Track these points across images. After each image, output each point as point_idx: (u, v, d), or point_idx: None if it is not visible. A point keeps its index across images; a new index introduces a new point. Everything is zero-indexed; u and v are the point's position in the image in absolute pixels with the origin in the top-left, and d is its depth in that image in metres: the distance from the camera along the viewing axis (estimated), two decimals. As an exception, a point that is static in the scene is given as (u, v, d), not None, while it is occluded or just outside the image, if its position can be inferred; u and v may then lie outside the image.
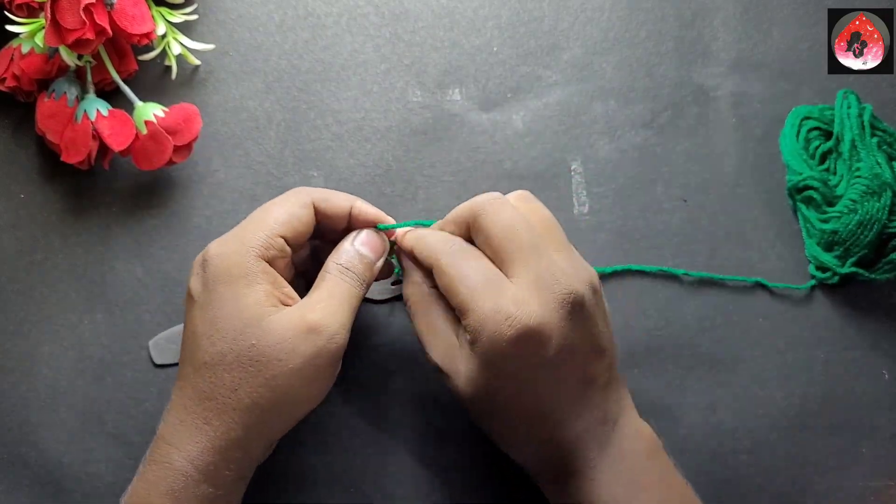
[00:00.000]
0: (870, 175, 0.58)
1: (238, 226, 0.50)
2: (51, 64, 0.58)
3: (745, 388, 0.59)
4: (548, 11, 0.64)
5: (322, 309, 0.49)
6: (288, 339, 0.47)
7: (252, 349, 0.47)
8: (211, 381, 0.47)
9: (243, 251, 0.48)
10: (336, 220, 0.53)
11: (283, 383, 0.47)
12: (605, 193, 0.62)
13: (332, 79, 0.63)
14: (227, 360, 0.47)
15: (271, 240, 0.49)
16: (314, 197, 0.52)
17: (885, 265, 0.58)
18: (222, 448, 0.47)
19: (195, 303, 0.49)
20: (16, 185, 0.60)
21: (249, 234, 0.49)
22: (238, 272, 0.48)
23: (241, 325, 0.47)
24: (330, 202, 0.52)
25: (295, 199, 0.51)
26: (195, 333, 0.48)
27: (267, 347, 0.47)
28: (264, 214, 0.50)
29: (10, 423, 0.57)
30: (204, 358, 0.48)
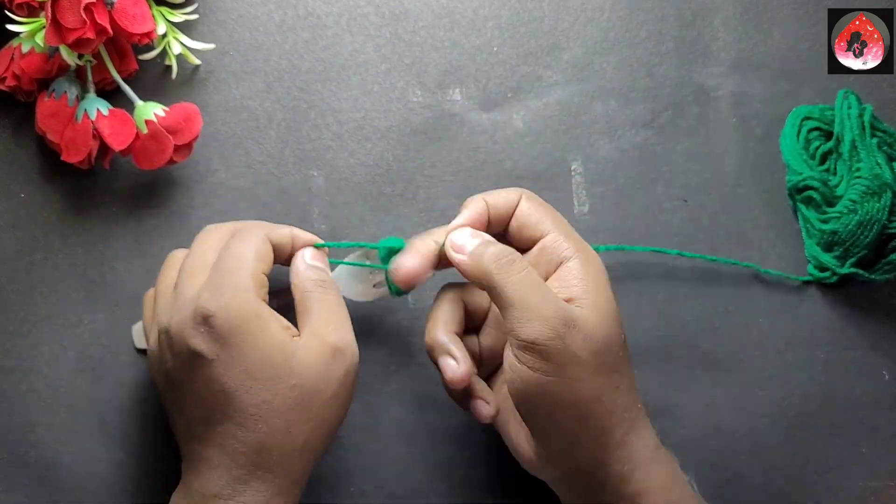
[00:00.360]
0: (870, 175, 0.58)
1: (215, 275, 0.49)
2: (51, 63, 0.58)
3: (745, 388, 0.59)
4: (548, 11, 0.64)
5: (334, 329, 0.49)
6: (322, 368, 0.48)
7: (294, 389, 0.47)
8: (264, 432, 0.47)
9: (243, 296, 0.48)
10: (283, 250, 0.53)
11: (326, 411, 0.48)
12: (605, 193, 0.62)
13: (333, 78, 0.63)
14: (273, 406, 0.47)
15: (258, 278, 0.49)
16: (265, 229, 0.52)
17: (885, 266, 0.58)
18: (286, 491, 0.48)
19: (212, 361, 0.47)
20: (16, 184, 0.60)
21: (238, 278, 0.48)
22: (250, 317, 0.47)
23: (275, 369, 0.47)
24: (276, 231, 0.52)
25: (254, 234, 0.51)
26: (227, 391, 0.47)
27: (308, 383, 0.47)
28: (236, 257, 0.49)
29: (9, 422, 0.57)
30: (249, 411, 0.47)
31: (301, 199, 0.61)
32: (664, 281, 0.60)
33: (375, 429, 0.58)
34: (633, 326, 0.59)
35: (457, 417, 0.58)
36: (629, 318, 0.59)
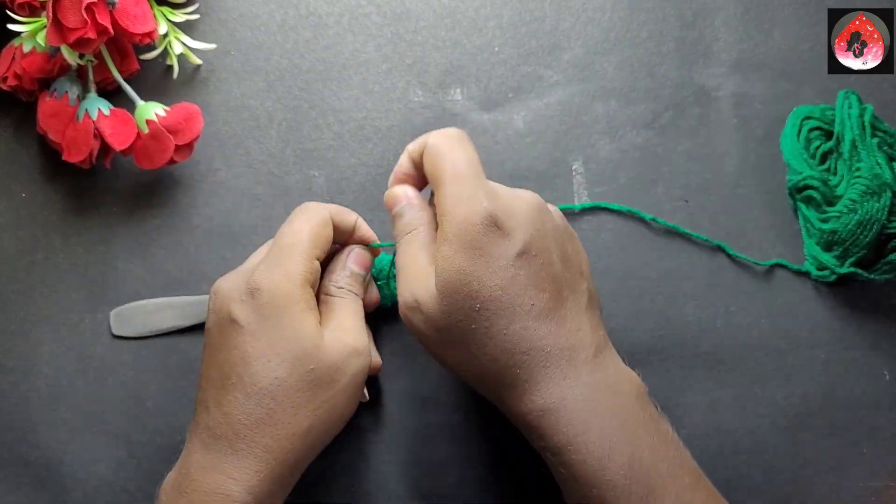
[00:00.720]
0: (870, 175, 0.58)
1: (273, 252, 0.51)
2: (52, 63, 0.58)
3: (745, 388, 0.59)
4: (549, 11, 0.64)
5: (353, 331, 0.52)
6: (340, 363, 0.50)
7: (311, 373, 0.49)
8: (269, 408, 0.48)
9: (293, 279, 0.50)
10: (342, 235, 0.55)
11: (335, 402, 0.50)
12: (606, 193, 0.62)
13: (334, 78, 0.63)
14: (286, 385, 0.48)
15: (310, 263, 0.51)
16: (330, 210, 0.54)
17: (885, 266, 0.58)
18: (280, 475, 0.48)
19: (243, 329, 0.49)
20: (17, 184, 0.60)
21: (292, 260, 0.50)
22: (292, 299, 0.49)
23: (301, 351, 0.49)
24: (342, 216, 0.55)
25: (316, 215, 0.53)
26: (247, 359, 0.48)
27: (324, 370, 0.49)
28: (295, 237, 0.51)
29: (11, 422, 0.57)
30: (262, 384, 0.48)
31: (302, 199, 0.60)
32: (664, 281, 0.60)
33: (375, 429, 0.58)
34: (632, 326, 0.60)
35: (457, 417, 0.58)
36: (629, 319, 0.59)
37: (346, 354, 0.50)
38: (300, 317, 0.49)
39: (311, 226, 0.52)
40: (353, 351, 0.50)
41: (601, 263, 0.60)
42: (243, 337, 0.49)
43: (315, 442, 0.50)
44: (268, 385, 0.48)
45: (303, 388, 0.48)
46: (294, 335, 0.49)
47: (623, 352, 0.59)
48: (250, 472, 0.47)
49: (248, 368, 0.48)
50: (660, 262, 0.61)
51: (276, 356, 0.48)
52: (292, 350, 0.48)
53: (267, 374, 0.48)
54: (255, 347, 0.48)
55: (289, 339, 0.49)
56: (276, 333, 0.49)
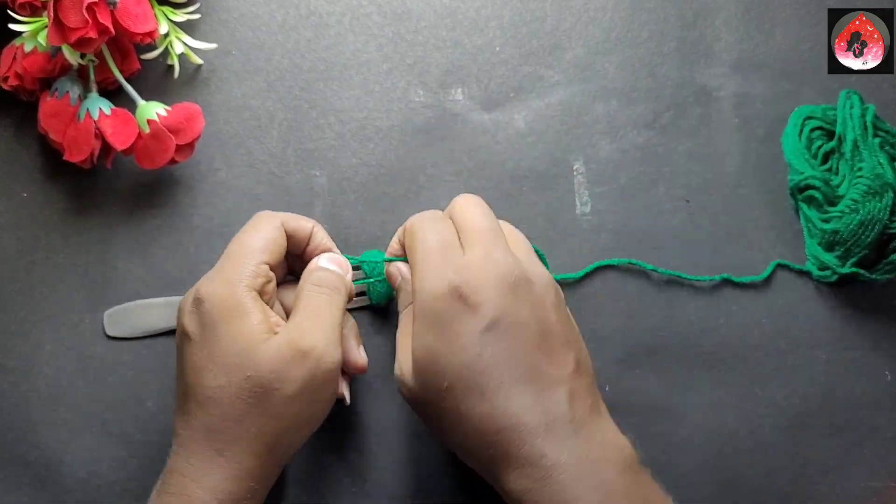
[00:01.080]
0: (871, 175, 0.58)
1: (219, 262, 0.52)
2: (53, 63, 0.58)
3: (746, 388, 0.59)
4: (550, 11, 0.65)
5: (307, 330, 0.50)
6: (281, 367, 0.48)
7: (248, 380, 0.48)
8: (216, 415, 0.48)
9: (233, 284, 0.50)
10: (298, 242, 0.55)
11: (284, 410, 0.49)
12: (606, 193, 0.62)
13: (335, 78, 0.63)
14: (228, 393, 0.48)
15: (257, 268, 0.51)
16: (281, 218, 0.54)
17: (886, 266, 0.58)
18: (238, 477, 0.48)
19: (191, 341, 0.50)
20: (18, 184, 0.60)
21: (235, 267, 0.51)
22: (231, 306, 0.49)
23: (236, 358, 0.48)
24: (296, 223, 0.55)
25: (265, 223, 0.53)
26: (195, 369, 0.49)
27: (262, 378, 0.48)
28: (242, 246, 0.52)
29: (11, 422, 0.57)
30: (206, 392, 0.49)
31: (303, 199, 0.61)
32: (665, 281, 0.60)
33: (376, 429, 0.58)
34: (633, 326, 0.60)
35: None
36: (629, 318, 0.59)
37: (288, 358, 0.48)
38: (237, 323, 0.49)
39: (257, 232, 0.52)
40: (299, 353, 0.48)
41: (602, 263, 0.60)
42: (191, 348, 0.50)
43: (270, 448, 0.49)
44: (212, 394, 0.48)
45: (244, 397, 0.48)
46: (230, 343, 0.49)
47: (624, 352, 0.59)
48: (207, 474, 0.48)
49: (197, 378, 0.49)
50: (661, 262, 0.61)
51: (215, 366, 0.49)
52: (229, 358, 0.48)
53: (210, 383, 0.48)
54: (200, 357, 0.49)
55: (224, 348, 0.49)
56: (215, 342, 0.49)
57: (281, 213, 0.54)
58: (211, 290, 0.50)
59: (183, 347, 0.51)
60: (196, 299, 0.50)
